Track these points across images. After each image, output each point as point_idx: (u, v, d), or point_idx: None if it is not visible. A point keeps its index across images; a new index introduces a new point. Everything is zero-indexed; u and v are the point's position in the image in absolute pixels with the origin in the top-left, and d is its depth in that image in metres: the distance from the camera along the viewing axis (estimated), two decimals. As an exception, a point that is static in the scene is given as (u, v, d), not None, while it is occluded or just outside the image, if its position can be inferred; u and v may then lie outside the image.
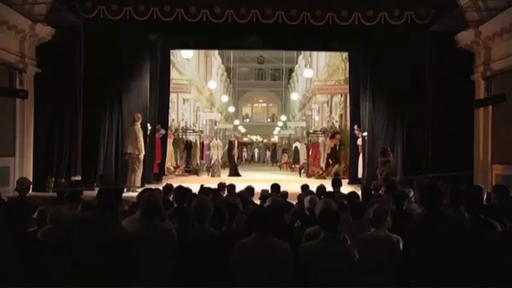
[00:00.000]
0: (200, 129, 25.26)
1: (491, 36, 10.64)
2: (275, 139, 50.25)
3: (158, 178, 14.46)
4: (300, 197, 8.06)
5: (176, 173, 18.21)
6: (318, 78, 26.95)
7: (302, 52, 35.52)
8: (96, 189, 11.70)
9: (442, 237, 3.94)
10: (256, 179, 16.78)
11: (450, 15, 10.99)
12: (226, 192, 8.89)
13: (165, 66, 15.07)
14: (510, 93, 9.74)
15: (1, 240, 3.59)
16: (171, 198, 8.34)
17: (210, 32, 12.81)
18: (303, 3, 11.72)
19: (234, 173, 19.50)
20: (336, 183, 8.62)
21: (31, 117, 11.58)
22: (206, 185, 9.26)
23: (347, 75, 17.21)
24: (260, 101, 56.69)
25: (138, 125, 12.12)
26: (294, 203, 8.44)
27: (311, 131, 23.25)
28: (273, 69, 50.83)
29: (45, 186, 11.54)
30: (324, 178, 16.92)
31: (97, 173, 12.42)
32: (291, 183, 13.33)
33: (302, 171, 20.69)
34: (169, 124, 17.36)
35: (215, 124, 36.04)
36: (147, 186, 12.77)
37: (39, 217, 5.36)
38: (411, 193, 6.97)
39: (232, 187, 8.95)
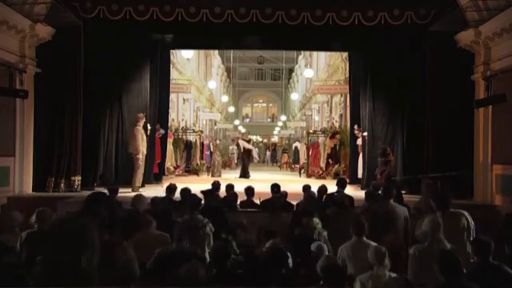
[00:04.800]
0: (200, 129, 25.24)
1: (491, 36, 10.63)
2: (275, 139, 50.22)
3: (158, 178, 14.46)
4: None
5: (176, 173, 18.21)
6: (318, 78, 26.94)
7: (302, 52, 35.51)
8: (96, 189, 11.82)
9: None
10: (256, 179, 16.79)
11: (450, 15, 10.97)
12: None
13: (165, 66, 15.07)
14: (510, 93, 9.74)
15: None
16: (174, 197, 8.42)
17: (210, 32, 12.78)
18: (303, 3, 11.70)
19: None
20: (341, 184, 8.63)
21: (31, 117, 11.56)
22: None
23: (347, 75, 17.19)
24: (260, 101, 56.70)
25: (139, 125, 12.11)
26: (294, 203, 8.47)
27: (311, 131, 23.22)
28: (273, 69, 50.79)
29: (45, 186, 11.55)
30: (324, 178, 16.92)
31: (97, 173, 12.43)
32: (291, 183, 13.33)
33: (302, 171, 20.68)
34: (169, 124, 17.35)
35: (215, 124, 36.03)
36: (147, 186, 12.82)
37: (37, 218, 5.37)
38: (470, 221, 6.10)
39: (230, 186, 8.98)
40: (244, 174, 18.21)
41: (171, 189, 8.45)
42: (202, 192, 7.73)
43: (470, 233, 5.63)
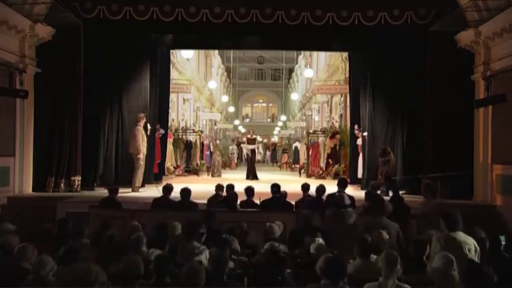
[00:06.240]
0: (200, 129, 25.25)
1: (491, 36, 10.63)
2: (275, 139, 50.23)
3: (158, 178, 14.45)
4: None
5: (176, 173, 18.21)
6: (318, 78, 26.95)
7: (302, 52, 35.51)
8: (96, 189, 11.83)
9: None
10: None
11: (450, 15, 10.97)
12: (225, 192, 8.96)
13: (165, 66, 15.07)
14: (510, 93, 9.73)
15: None
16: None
17: (210, 32, 12.79)
18: (303, 3, 11.70)
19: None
20: (342, 184, 8.64)
21: (31, 117, 11.55)
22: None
23: (347, 75, 17.20)
24: (260, 101, 56.73)
25: (140, 125, 12.09)
26: (293, 203, 8.49)
27: (311, 131, 23.23)
28: (273, 69, 50.80)
29: (45, 186, 11.55)
30: (324, 178, 16.92)
31: (97, 173, 12.42)
32: (291, 183, 13.33)
33: (302, 171, 20.68)
34: (169, 124, 17.35)
35: (215, 124, 36.03)
36: (147, 186, 12.81)
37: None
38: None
39: (231, 186, 9.00)
40: (249, 176, 17.73)
41: (167, 188, 8.56)
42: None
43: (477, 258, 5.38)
